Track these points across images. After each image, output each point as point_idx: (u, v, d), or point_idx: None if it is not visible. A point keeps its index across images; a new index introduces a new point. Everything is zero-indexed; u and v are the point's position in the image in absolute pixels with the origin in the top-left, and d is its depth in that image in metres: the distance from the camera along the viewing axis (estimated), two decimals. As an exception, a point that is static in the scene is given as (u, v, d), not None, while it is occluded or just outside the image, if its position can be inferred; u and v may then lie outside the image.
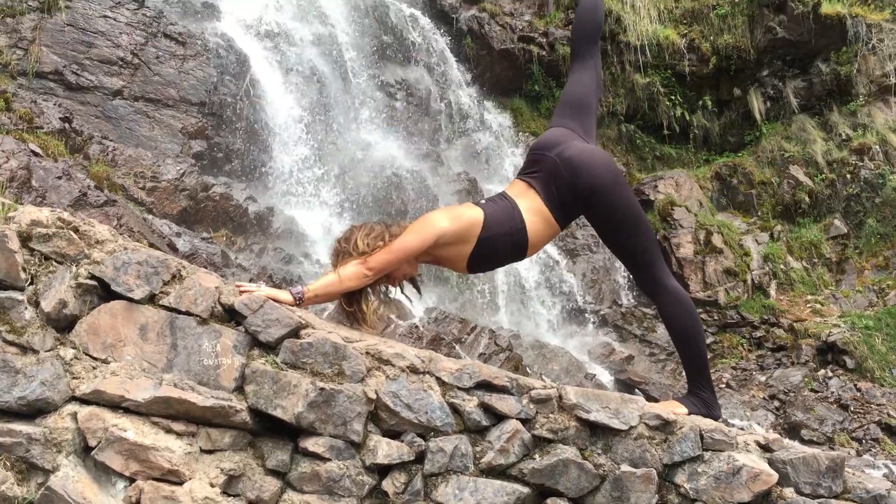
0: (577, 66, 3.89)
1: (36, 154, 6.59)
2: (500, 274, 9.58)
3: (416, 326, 7.63)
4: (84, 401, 2.76)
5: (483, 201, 3.54)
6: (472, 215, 3.37)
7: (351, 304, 3.28)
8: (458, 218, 3.35)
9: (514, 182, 3.61)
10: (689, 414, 3.30)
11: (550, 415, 3.01)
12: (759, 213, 11.83)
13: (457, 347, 7.74)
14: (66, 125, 7.51)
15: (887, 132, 11.74)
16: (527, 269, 9.88)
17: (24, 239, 2.86)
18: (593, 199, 3.41)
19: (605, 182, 3.41)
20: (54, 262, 2.88)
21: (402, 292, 3.55)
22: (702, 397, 3.43)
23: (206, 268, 7.07)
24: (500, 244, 3.39)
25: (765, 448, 3.11)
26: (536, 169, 3.53)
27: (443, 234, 3.29)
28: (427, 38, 11.58)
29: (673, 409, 3.21)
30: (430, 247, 3.29)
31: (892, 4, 12.53)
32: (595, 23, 3.99)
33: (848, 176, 11.69)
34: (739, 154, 12.59)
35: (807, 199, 11.71)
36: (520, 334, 8.89)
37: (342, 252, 3.31)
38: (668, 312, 3.51)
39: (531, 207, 3.44)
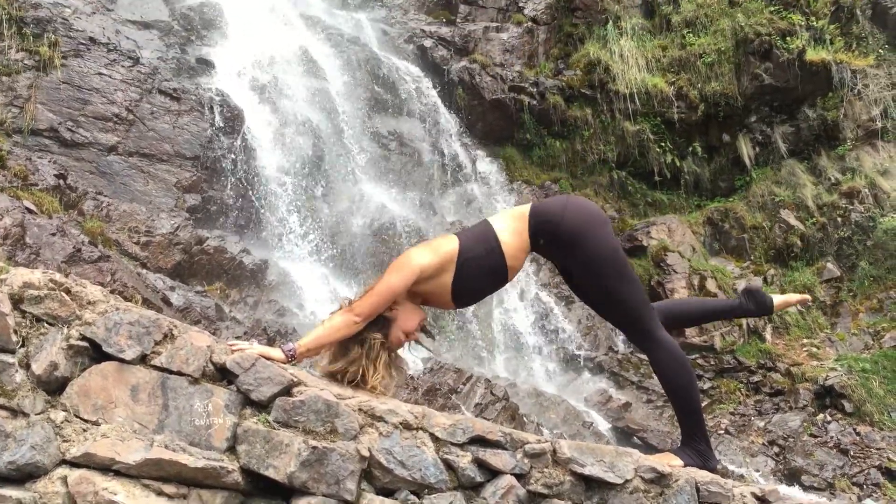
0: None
1: (30, 211, 6.62)
2: (496, 322, 9.57)
3: (412, 377, 7.59)
4: (74, 464, 2.73)
5: (459, 231, 3.57)
6: (449, 245, 3.39)
7: (352, 376, 3.22)
8: (436, 250, 3.37)
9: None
10: (685, 466, 3.27)
11: (545, 469, 2.99)
12: (752, 258, 11.88)
13: (453, 398, 7.69)
14: (61, 182, 7.56)
15: (876, 175, 11.86)
16: (522, 316, 9.87)
17: (16, 301, 2.86)
18: (573, 241, 3.41)
19: (588, 225, 3.41)
20: (46, 324, 2.87)
21: (420, 343, 3.53)
22: (697, 448, 3.41)
23: (200, 322, 7.08)
24: (478, 267, 3.38)
25: (762, 500, 3.08)
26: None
27: (424, 268, 3.29)
28: (419, 89, 11.73)
29: (668, 462, 3.19)
30: (413, 283, 3.29)
31: (876, 50, 12.75)
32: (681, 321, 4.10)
33: (839, 219, 11.77)
34: (730, 199, 12.69)
35: (799, 242, 11.77)
36: (516, 383, 8.85)
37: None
38: (661, 365, 3.47)
39: (506, 227, 3.45)
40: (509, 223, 3.47)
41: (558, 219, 3.41)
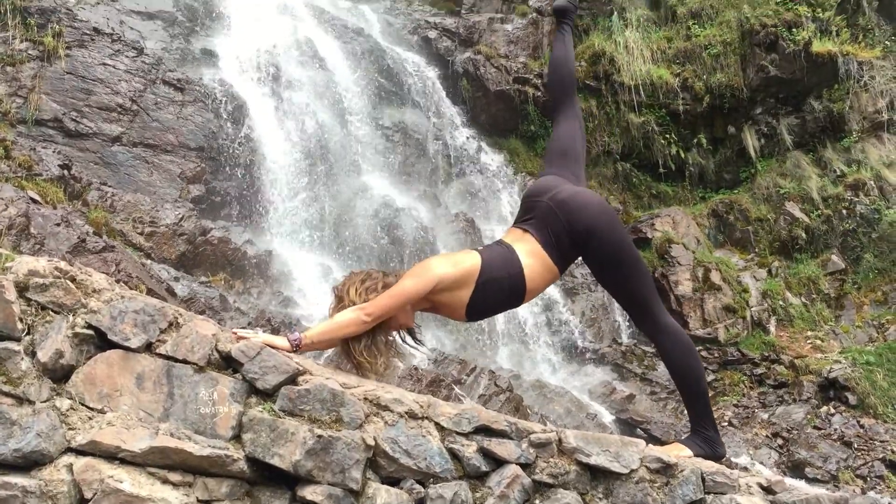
0: (560, 117, 4.00)
1: (35, 201, 6.62)
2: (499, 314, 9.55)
3: (416, 368, 7.58)
4: (80, 452, 2.73)
5: (480, 248, 3.55)
6: (471, 261, 3.38)
7: (357, 355, 3.25)
8: (456, 264, 3.36)
9: (511, 230, 3.63)
10: (694, 456, 3.27)
11: (550, 459, 2.98)
12: (757, 250, 11.85)
13: (456, 389, 7.69)
14: (65, 172, 7.56)
15: (881, 167, 11.81)
16: (526, 308, 9.86)
17: (21, 289, 2.86)
18: (590, 240, 3.43)
19: (600, 223, 3.44)
20: (51, 312, 2.87)
21: (404, 342, 3.53)
22: (705, 436, 3.42)
23: (204, 312, 7.08)
24: (497, 289, 3.39)
25: (767, 490, 3.07)
26: (531, 215, 3.55)
27: (442, 279, 3.29)
28: (423, 80, 11.70)
29: (677, 453, 3.19)
30: (428, 292, 3.28)
31: (883, 42, 12.69)
32: (569, 72, 4.14)
33: (844, 211, 11.73)
34: (735, 191, 12.65)
35: (803, 234, 11.74)
36: (520, 374, 8.85)
37: (338, 299, 3.32)
38: (668, 351, 3.51)
39: (529, 251, 3.45)
40: (531, 246, 3.49)
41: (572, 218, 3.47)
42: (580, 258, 3.61)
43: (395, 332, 3.41)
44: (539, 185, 3.68)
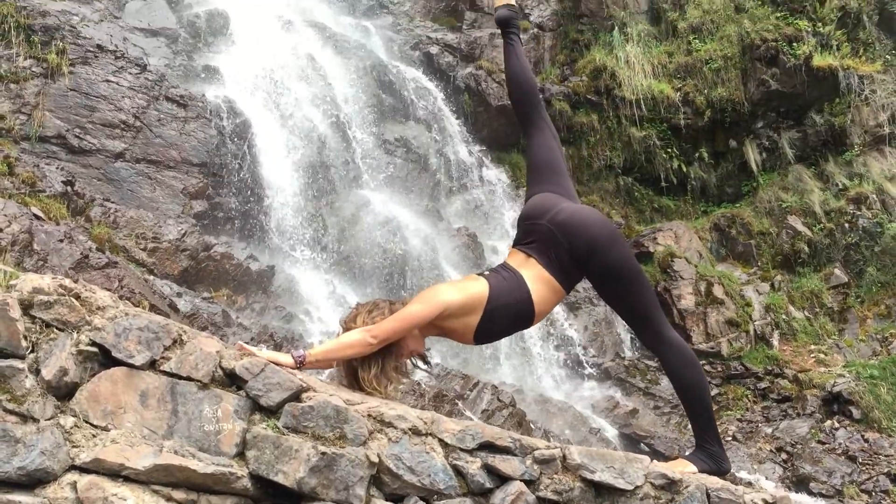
0: (532, 130, 3.93)
1: (38, 217, 6.64)
2: (502, 329, 9.54)
3: (419, 383, 7.58)
4: (84, 469, 2.72)
5: (487, 272, 3.54)
6: (479, 289, 3.39)
7: (367, 385, 3.22)
8: (464, 290, 3.37)
9: (513, 252, 3.63)
10: (699, 472, 3.26)
11: (555, 475, 2.97)
12: (759, 264, 11.85)
13: (459, 404, 7.68)
14: (69, 188, 7.58)
15: (883, 181, 11.83)
16: (528, 323, 9.83)
17: (26, 307, 2.87)
18: (592, 257, 3.43)
19: (601, 240, 3.44)
20: (55, 330, 2.87)
21: (415, 366, 3.54)
22: (709, 451, 3.41)
23: (207, 328, 7.08)
24: (506, 315, 3.41)
25: (772, 506, 3.07)
26: (532, 238, 3.55)
27: (449, 306, 3.29)
28: (425, 95, 11.74)
29: (681, 469, 3.18)
30: (435, 318, 3.29)
31: (883, 56, 12.73)
32: (529, 81, 4.06)
33: (846, 225, 11.73)
34: (737, 205, 12.66)
35: (806, 248, 11.74)
36: (523, 389, 8.83)
37: (346, 331, 3.32)
38: (671, 365, 3.50)
39: (535, 276, 3.46)
40: (536, 271, 3.49)
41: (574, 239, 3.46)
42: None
43: (405, 359, 3.40)
44: (535, 205, 3.65)
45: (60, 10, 9.00)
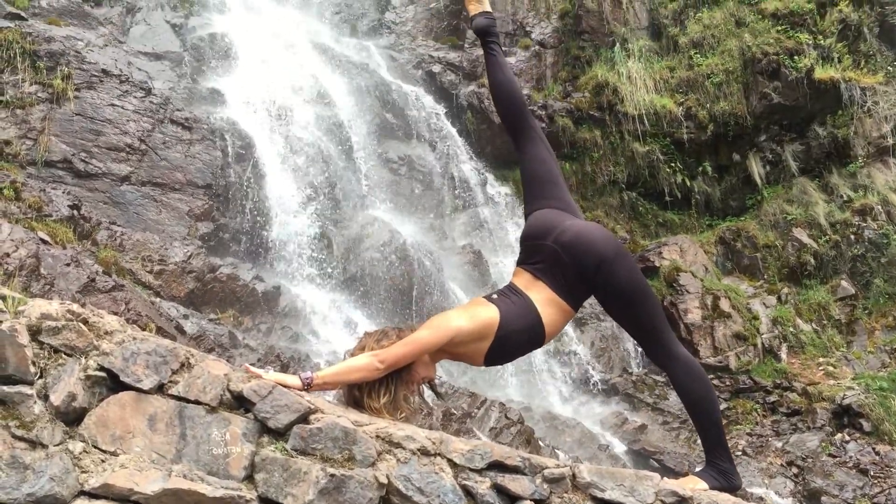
0: (523, 142, 3.84)
1: (45, 242, 6.67)
2: (509, 346, 9.52)
3: (426, 402, 7.55)
4: (93, 495, 2.72)
5: (496, 296, 3.50)
6: (489, 315, 3.36)
7: (377, 414, 3.19)
8: (474, 317, 3.34)
9: (519, 272, 3.60)
10: (710, 489, 3.24)
11: (565, 494, 2.96)
12: (766, 277, 11.82)
13: (467, 422, 7.66)
14: (75, 212, 7.61)
15: (888, 192, 11.80)
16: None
17: (34, 332, 2.87)
18: (598, 276, 3.42)
19: (607, 257, 3.42)
20: (64, 355, 2.88)
21: (422, 397, 3.53)
22: (720, 468, 3.37)
23: (213, 349, 7.08)
24: (517, 340, 3.40)
25: (785, 522, 3.04)
26: (538, 259, 3.52)
27: (458, 333, 3.28)
28: (428, 114, 11.79)
29: (693, 486, 3.16)
30: (445, 345, 3.28)
31: (885, 68, 12.75)
32: (515, 92, 3.95)
33: (852, 237, 11.71)
34: (742, 218, 12.65)
35: (812, 260, 11.71)
36: (530, 406, 8.80)
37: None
38: (680, 380, 3.47)
39: (544, 299, 3.44)
40: (545, 294, 3.47)
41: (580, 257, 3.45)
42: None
43: (416, 387, 3.38)
44: (538, 224, 3.62)
45: (65, 36, 9.08)
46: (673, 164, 12.61)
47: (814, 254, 11.75)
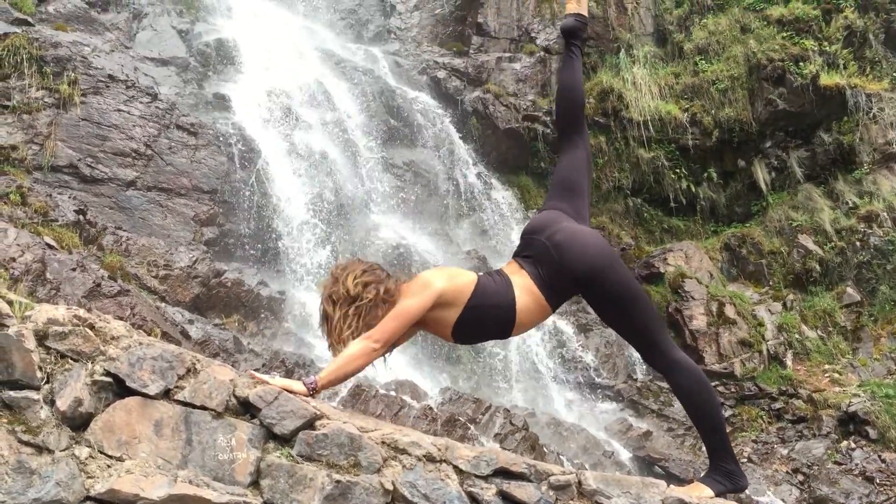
0: (566, 146, 3.91)
1: (51, 247, 6.69)
2: (513, 351, 9.53)
3: (430, 408, 7.55)
4: (99, 500, 2.72)
5: (482, 273, 3.57)
6: (467, 279, 3.42)
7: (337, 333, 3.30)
8: (452, 278, 3.40)
9: (510, 262, 3.65)
10: (716, 495, 3.22)
11: (570, 502, 2.95)
12: (771, 283, 11.79)
13: (472, 428, 7.64)
14: (81, 217, 7.63)
15: (894, 199, 11.78)
16: (539, 345, 9.83)
17: (41, 337, 2.88)
18: (591, 283, 3.42)
19: (597, 264, 3.42)
20: (70, 360, 2.89)
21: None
22: (725, 470, 3.36)
23: (218, 354, 7.09)
24: (486, 315, 3.40)
25: (791, 530, 3.03)
26: (529, 252, 3.57)
27: (442, 294, 3.32)
28: (433, 119, 11.80)
29: (699, 494, 3.14)
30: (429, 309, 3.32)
31: (890, 74, 12.74)
32: (577, 99, 4.03)
33: (857, 243, 11.68)
34: (747, 224, 12.63)
35: (818, 267, 11.68)
36: (535, 412, 8.78)
37: (334, 280, 3.37)
38: (679, 385, 3.46)
39: (523, 287, 3.45)
40: (526, 282, 3.49)
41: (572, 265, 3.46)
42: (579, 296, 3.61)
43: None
44: (538, 221, 3.67)
45: (72, 41, 9.11)
46: (678, 171, 12.60)
47: (819, 260, 11.73)
